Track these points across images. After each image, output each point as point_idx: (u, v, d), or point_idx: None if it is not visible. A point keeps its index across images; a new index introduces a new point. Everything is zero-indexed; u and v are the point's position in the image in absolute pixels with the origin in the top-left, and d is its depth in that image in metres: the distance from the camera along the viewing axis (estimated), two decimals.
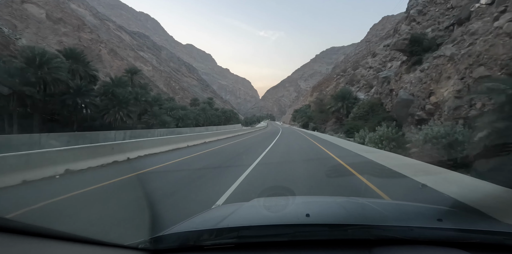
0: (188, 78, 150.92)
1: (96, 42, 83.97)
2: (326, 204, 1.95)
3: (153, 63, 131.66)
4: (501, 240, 1.12)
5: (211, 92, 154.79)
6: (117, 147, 8.78)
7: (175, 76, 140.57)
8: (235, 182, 5.48)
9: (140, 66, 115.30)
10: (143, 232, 2.92)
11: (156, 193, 4.71)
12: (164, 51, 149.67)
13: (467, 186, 4.97)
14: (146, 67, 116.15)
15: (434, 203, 3.23)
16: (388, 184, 5.36)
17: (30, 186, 5.33)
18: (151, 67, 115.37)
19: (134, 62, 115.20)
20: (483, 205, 3.62)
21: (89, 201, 4.40)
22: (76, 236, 0.94)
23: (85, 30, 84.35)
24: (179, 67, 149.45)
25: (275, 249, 1.14)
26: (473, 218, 1.74)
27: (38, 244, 0.82)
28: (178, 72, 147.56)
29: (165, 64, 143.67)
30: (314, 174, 6.62)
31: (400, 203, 2.30)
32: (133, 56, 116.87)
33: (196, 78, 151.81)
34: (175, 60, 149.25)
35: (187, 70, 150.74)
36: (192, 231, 1.31)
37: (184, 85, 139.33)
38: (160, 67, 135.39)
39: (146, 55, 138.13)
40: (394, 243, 1.11)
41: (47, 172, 6.08)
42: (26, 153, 5.86)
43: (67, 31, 79.97)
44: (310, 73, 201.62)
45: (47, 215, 3.66)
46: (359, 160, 9.03)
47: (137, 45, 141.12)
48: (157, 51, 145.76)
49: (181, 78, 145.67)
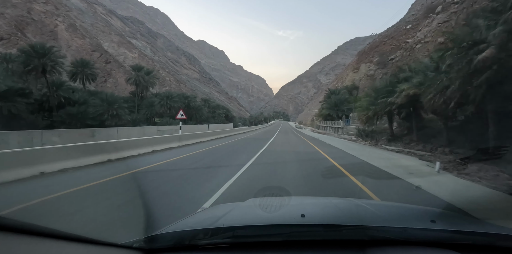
0: (189, 70, 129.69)
1: (52, 15, 64.10)
2: (321, 205, 1.92)
3: (146, 52, 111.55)
4: (492, 242, 1.15)
5: (214, 87, 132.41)
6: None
7: (172, 67, 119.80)
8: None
9: (124, 52, 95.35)
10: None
11: None
12: (161, 39, 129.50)
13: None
14: (131, 54, 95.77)
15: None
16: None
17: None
18: (137, 54, 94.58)
19: (118, 47, 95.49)
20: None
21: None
22: (70, 234, 0.92)
23: (39, 1, 64.46)
24: (178, 57, 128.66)
25: (270, 249, 1.14)
26: (466, 220, 1.78)
27: (31, 242, 0.80)
28: (177, 63, 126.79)
29: (161, 53, 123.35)
30: None
31: (394, 205, 2.33)
32: (118, 40, 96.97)
33: (197, 70, 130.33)
34: (173, 49, 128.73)
35: (187, 61, 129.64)
36: (187, 230, 1.31)
37: (182, 78, 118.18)
38: (153, 57, 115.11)
39: (140, 43, 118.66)
40: (388, 244, 1.12)
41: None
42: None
43: (17, 2, 60.36)
44: (332, 66, 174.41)
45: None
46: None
47: (130, 31, 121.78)
48: (152, 39, 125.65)
49: (179, 70, 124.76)
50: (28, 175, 5.48)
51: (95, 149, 7.69)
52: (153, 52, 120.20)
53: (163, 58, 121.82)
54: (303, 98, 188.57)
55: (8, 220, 0.77)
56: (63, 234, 0.90)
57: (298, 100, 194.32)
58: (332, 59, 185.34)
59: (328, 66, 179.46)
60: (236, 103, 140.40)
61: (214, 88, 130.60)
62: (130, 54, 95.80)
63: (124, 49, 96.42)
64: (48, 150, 6.39)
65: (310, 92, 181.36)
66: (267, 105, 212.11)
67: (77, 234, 0.94)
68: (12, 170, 5.28)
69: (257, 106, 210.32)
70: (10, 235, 0.75)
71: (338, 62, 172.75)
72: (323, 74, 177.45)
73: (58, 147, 6.70)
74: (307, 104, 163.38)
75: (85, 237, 0.97)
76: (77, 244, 0.93)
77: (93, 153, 7.43)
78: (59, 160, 6.36)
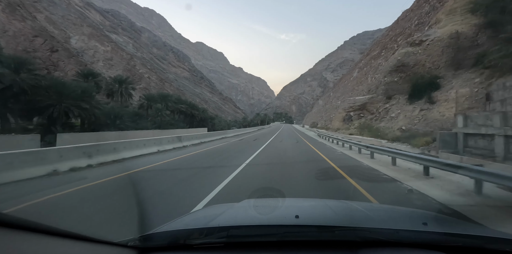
0: (177, 68, 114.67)
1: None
2: (315, 206, 1.91)
3: (128, 48, 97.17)
4: (482, 244, 1.15)
5: (207, 87, 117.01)
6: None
7: (157, 64, 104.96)
8: None
9: (94, 45, 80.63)
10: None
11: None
12: (146, 34, 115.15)
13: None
14: (103, 47, 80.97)
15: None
16: None
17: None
18: (110, 48, 79.82)
19: (88, 40, 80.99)
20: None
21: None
22: (66, 231, 0.92)
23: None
24: (164, 54, 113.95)
25: (264, 250, 1.14)
26: (457, 223, 1.78)
27: (26, 238, 0.78)
28: (163, 61, 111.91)
29: (146, 49, 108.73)
30: None
31: (387, 207, 2.32)
32: (89, 33, 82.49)
33: (187, 68, 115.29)
34: (159, 45, 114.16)
35: (175, 58, 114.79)
36: (182, 229, 1.32)
37: (169, 77, 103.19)
38: (136, 53, 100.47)
39: (120, 38, 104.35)
40: (380, 245, 1.13)
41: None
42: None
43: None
44: (339, 62, 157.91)
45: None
46: None
47: (110, 26, 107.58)
48: (135, 34, 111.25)
49: (167, 68, 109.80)
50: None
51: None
52: (136, 48, 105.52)
53: (147, 54, 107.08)
54: (308, 99, 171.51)
55: (2, 216, 0.76)
56: (58, 231, 0.89)
57: (301, 101, 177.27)
58: (338, 54, 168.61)
59: (335, 63, 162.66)
60: (231, 104, 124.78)
61: (206, 88, 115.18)
62: (101, 48, 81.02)
63: (95, 42, 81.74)
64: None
65: (315, 92, 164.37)
66: (267, 107, 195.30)
67: (73, 232, 0.93)
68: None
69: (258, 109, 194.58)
70: (5, 230, 0.74)
71: (345, 57, 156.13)
72: (329, 71, 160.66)
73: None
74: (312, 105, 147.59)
75: (81, 234, 0.96)
76: (73, 241, 0.93)
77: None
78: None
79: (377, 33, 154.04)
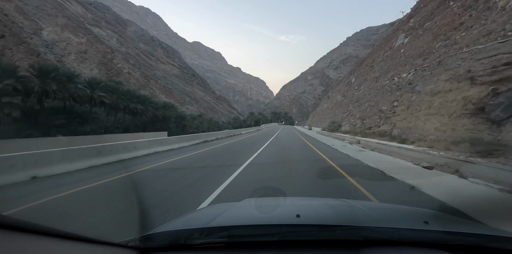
0: (167, 65, 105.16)
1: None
2: (316, 206, 1.88)
3: (111, 42, 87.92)
4: (483, 243, 1.15)
5: (198, 85, 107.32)
6: None
7: (143, 60, 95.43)
8: None
9: (67, 37, 71.05)
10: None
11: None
12: (133, 27, 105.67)
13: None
14: (77, 39, 71.38)
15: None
16: None
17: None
18: (85, 40, 70.27)
19: (61, 31, 71.54)
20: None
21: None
22: (66, 233, 0.92)
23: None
24: (152, 49, 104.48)
25: (265, 249, 1.14)
26: (458, 221, 1.76)
27: (26, 239, 0.78)
28: (151, 57, 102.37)
29: (131, 44, 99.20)
30: None
31: (388, 206, 2.30)
32: (63, 24, 73.11)
33: (177, 65, 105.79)
34: (147, 40, 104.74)
35: (164, 54, 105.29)
36: (182, 229, 1.31)
37: (157, 74, 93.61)
38: (120, 47, 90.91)
39: (104, 32, 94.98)
40: (381, 244, 1.13)
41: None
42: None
43: None
44: (342, 59, 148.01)
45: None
46: None
47: (93, 19, 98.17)
48: (120, 27, 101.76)
49: (154, 64, 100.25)
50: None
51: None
52: (120, 43, 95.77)
53: (132, 49, 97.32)
54: (309, 98, 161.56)
55: (3, 218, 0.76)
56: (58, 232, 0.89)
57: (302, 101, 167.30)
58: (341, 51, 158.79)
59: (337, 59, 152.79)
60: (226, 104, 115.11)
61: (198, 86, 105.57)
62: (75, 40, 71.43)
63: (69, 34, 72.11)
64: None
65: (317, 91, 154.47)
66: (266, 108, 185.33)
67: (73, 233, 0.93)
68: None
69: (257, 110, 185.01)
70: (6, 232, 0.73)
71: (349, 53, 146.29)
72: (332, 68, 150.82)
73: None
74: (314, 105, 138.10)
75: (81, 235, 0.96)
76: (73, 243, 0.92)
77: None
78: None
79: (382, 29, 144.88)
